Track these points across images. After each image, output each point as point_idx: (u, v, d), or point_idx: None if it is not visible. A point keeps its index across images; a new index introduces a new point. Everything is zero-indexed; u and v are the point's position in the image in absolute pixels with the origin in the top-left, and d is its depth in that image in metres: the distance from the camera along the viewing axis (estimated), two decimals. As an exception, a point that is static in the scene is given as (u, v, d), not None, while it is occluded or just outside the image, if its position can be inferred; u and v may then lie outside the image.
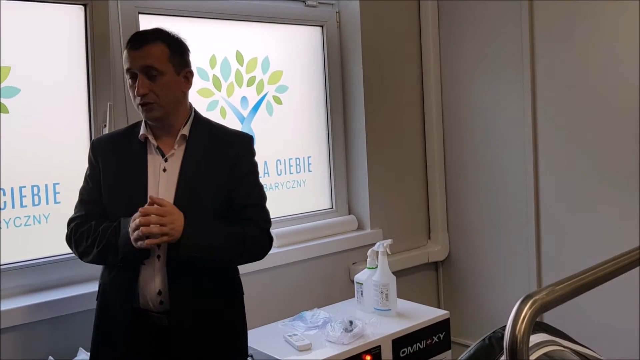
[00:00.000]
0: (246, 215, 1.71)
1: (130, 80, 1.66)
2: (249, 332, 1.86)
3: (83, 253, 1.69)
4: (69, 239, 1.72)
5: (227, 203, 1.71)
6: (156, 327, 1.67)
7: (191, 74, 1.73)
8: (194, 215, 1.61)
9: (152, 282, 1.65)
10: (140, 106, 1.65)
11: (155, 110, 1.65)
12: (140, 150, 1.70)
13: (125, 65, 1.66)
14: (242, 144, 1.77)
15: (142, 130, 1.71)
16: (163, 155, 1.70)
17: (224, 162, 1.71)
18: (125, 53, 1.66)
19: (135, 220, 1.55)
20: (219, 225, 1.67)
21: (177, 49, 1.68)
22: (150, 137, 1.70)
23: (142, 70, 1.62)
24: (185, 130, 1.71)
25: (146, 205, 1.56)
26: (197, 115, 1.78)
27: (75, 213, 1.74)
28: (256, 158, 1.80)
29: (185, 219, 1.58)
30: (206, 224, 1.65)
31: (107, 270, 1.72)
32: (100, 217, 1.69)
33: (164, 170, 1.69)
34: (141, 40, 1.65)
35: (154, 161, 1.70)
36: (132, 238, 1.56)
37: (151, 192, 1.65)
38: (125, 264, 1.64)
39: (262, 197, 1.78)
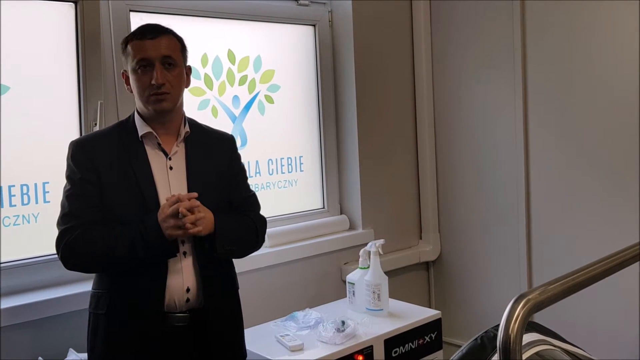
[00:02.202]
0: (248, 207, 1.82)
1: (139, 70, 1.60)
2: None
3: (91, 262, 1.60)
4: (69, 251, 1.58)
5: (229, 197, 1.77)
6: (172, 328, 1.63)
7: (190, 71, 1.75)
8: (213, 212, 1.64)
9: (180, 280, 1.64)
10: (152, 96, 1.60)
11: (168, 101, 1.63)
12: (140, 148, 1.66)
13: (139, 55, 1.60)
14: (232, 143, 1.87)
15: (142, 128, 1.66)
16: (166, 154, 1.68)
17: (223, 159, 1.79)
18: (135, 44, 1.61)
19: (171, 207, 1.54)
20: (236, 218, 1.74)
21: (183, 44, 1.71)
22: (154, 135, 1.67)
23: (160, 60, 1.61)
24: (187, 128, 1.72)
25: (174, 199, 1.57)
26: (186, 115, 1.78)
27: (69, 222, 1.58)
28: (247, 157, 1.84)
29: (213, 215, 1.63)
30: (229, 218, 1.71)
31: (113, 277, 1.63)
32: (102, 222, 1.60)
33: (170, 168, 1.68)
34: (156, 31, 1.64)
35: (156, 159, 1.67)
36: (165, 228, 1.54)
37: (161, 190, 1.64)
38: (154, 261, 1.59)
39: (252, 189, 1.91)
